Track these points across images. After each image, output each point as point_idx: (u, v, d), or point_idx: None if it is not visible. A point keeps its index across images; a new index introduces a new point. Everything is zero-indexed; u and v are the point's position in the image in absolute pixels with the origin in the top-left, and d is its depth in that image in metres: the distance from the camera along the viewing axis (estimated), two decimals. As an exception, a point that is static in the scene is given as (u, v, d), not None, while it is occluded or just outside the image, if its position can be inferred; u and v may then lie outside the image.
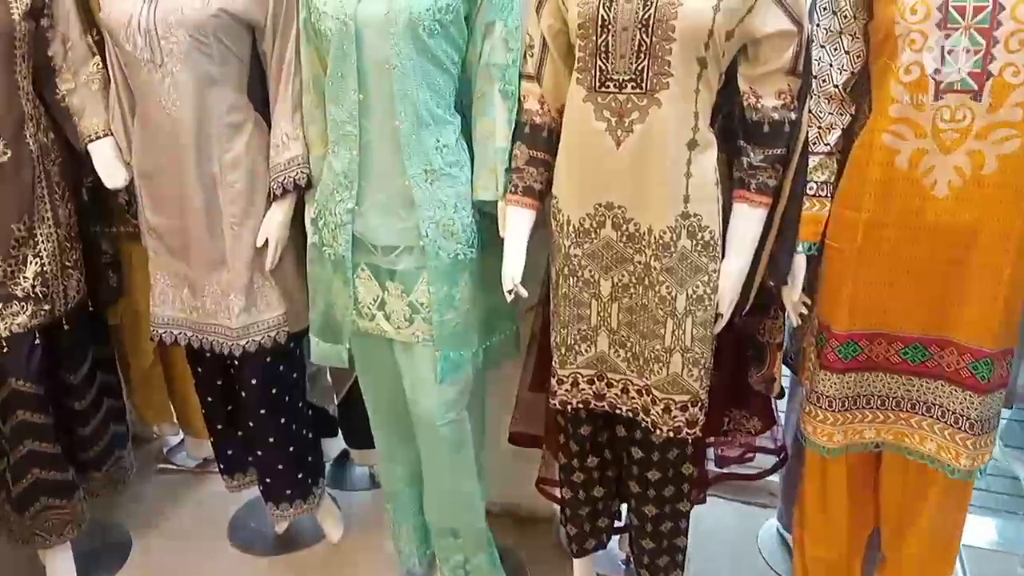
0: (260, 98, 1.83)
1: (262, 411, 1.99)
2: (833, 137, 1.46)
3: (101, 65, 1.90)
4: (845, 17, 1.41)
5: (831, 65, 1.43)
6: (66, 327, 1.94)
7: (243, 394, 1.98)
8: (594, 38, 1.38)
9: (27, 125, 1.80)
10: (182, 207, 1.80)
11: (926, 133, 1.31)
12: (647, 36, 1.33)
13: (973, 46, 1.25)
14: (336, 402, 2.38)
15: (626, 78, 1.38)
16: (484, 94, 1.61)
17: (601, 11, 1.36)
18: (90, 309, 2.03)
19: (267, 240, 1.82)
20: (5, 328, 1.81)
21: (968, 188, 1.31)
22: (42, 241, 1.85)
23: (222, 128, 1.75)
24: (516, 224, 1.58)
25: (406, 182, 1.59)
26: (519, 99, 1.58)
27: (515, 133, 1.59)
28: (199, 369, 2.06)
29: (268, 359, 1.94)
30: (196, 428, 2.46)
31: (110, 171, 1.87)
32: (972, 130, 1.28)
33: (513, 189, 1.58)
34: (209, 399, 2.09)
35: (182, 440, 2.68)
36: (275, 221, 1.82)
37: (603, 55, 1.38)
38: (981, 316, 1.37)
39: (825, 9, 1.42)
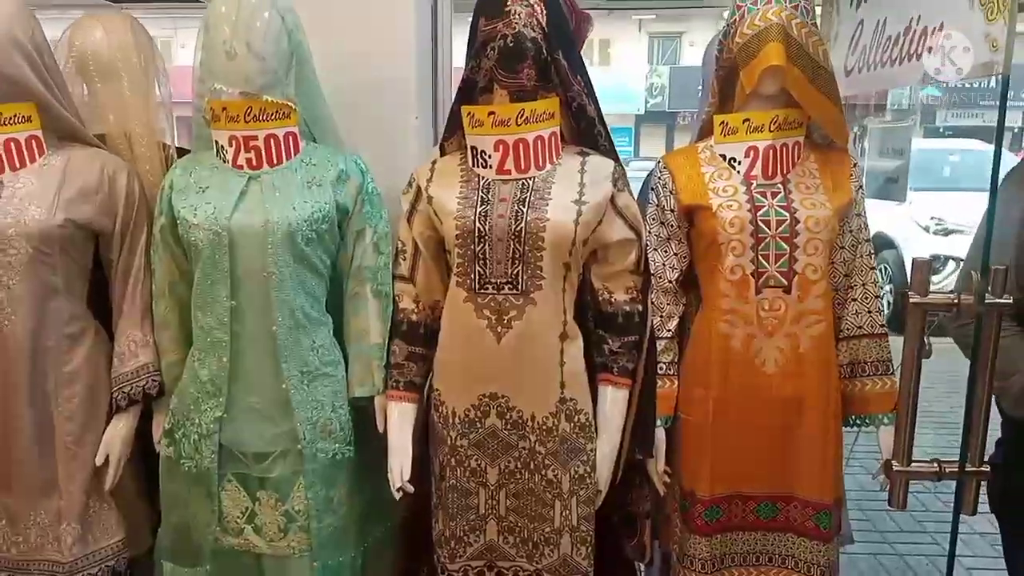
0: (98, 305, 1.74)
1: (92, 658, 1.71)
2: (673, 324, 1.70)
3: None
4: (671, 226, 1.69)
5: (664, 264, 1.69)
6: None
7: (69, 640, 1.70)
8: (472, 247, 1.52)
9: None
10: (7, 430, 1.60)
11: (753, 321, 1.58)
12: (520, 245, 1.51)
13: (780, 251, 1.57)
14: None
15: (503, 281, 1.52)
16: (357, 294, 1.68)
17: (477, 224, 1.52)
18: None
19: (107, 458, 1.66)
20: None
21: (790, 365, 1.58)
22: None
23: (60, 340, 1.62)
24: (400, 419, 1.61)
25: (283, 385, 1.57)
26: (394, 299, 1.66)
27: (392, 331, 1.65)
28: (6, 617, 1.74)
29: (102, 594, 1.70)
30: None
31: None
32: (787, 317, 1.57)
33: (395, 384, 1.62)
34: (18, 653, 1.76)
35: None
36: (118, 435, 1.67)
37: (481, 261, 1.53)
38: (816, 473, 1.61)
39: (654, 220, 1.70)
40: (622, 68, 17.81)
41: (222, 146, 1.61)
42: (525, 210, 1.51)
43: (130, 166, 1.74)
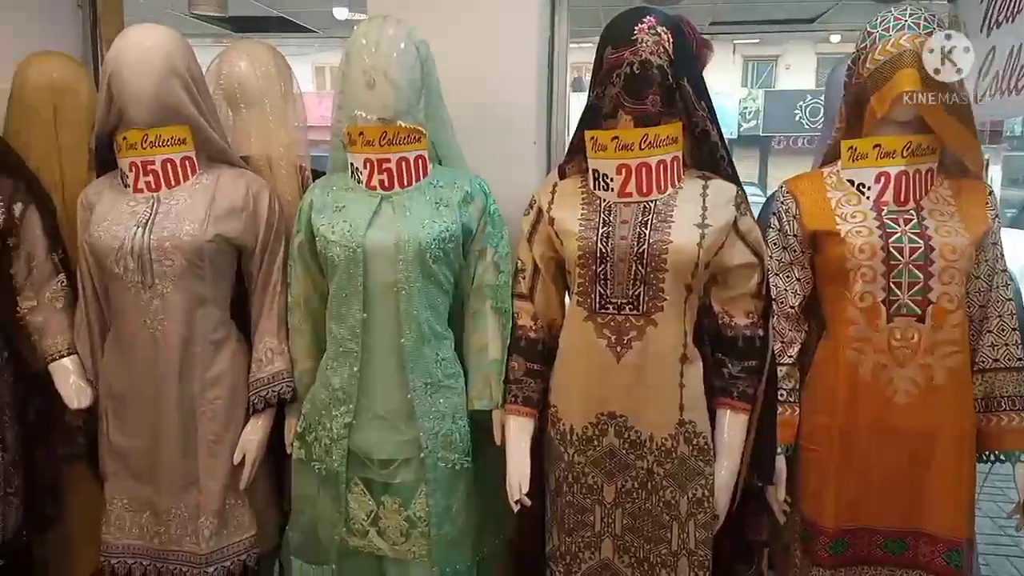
0: (237, 314, 1.86)
1: (223, 647, 1.81)
2: (795, 350, 1.68)
3: (66, 283, 1.87)
4: (794, 251, 1.68)
5: (786, 290, 1.68)
6: (1, 562, 1.74)
7: (202, 628, 1.81)
8: (593, 268, 1.56)
9: (-16, 345, 1.72)
10: (155, 427, 1.73)
11: (883, 349, 1.55)
12: (642, 267, 1.53)
13: (913, 279, 1.54)
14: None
15: (624, 301, 1.55)
16: (477, 311, 1.74)
17: (599, 246, 1.55)
18: (24, 539, 1.84)
19: (243, 458, 1.77)
20: (-65, 570, 1.60)
21: (923, 396, 1.54)
22: (-15, 468, 1.70)
23: (206, 345, 1.75)
24: (518, 433, 1.65)
25: (408, 395, 1.64)
26: (513, 316, 1.71)
27: (511, 347, 1.70)
28: (145, 602, 1.87)
29: (233, 586, 1.81)
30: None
31: (74, 391, 1.79)
32: (920, 347, 1.53)
33: (513, 399, 1.67)
34: (153, 637, 1.88)
35: None
36: (254, 437, 1.78)
37: (602, 282, 1.56)
38: (949, 509, 1.55)
39: (776, 244, 1.69)
40: (715, 91, 17.58)
41: (357, 168, 1.70)
42: (647, 232, 1.54)
43: (271, 186, 1.86)
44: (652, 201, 1.57)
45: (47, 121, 1.92)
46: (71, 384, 1.80)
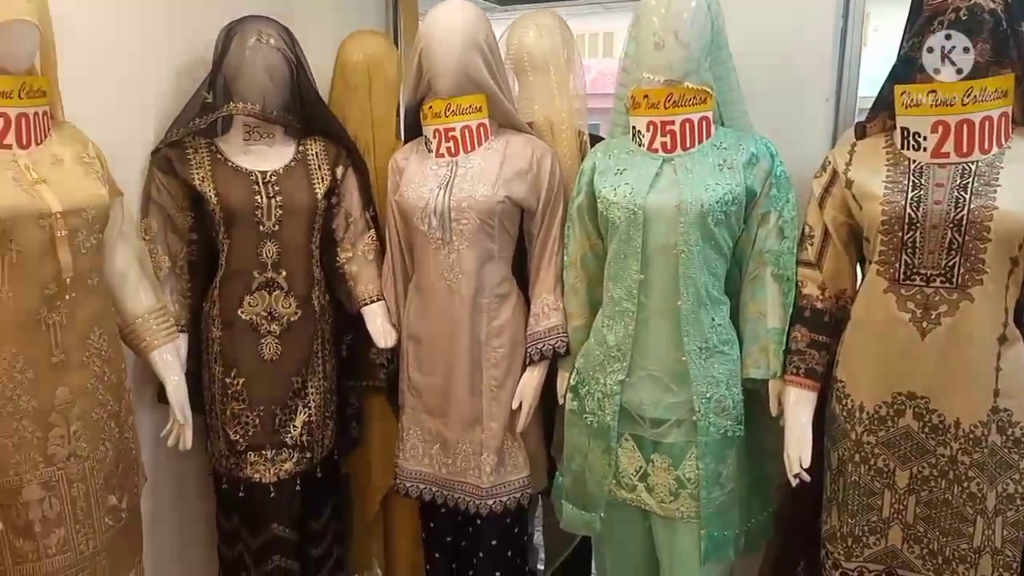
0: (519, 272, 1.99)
1: (497, 574, 1.99)
2: None
3: (376, 237, 2.12)
4: None
5: None
6: (319, 475, 2.05)
7: (480, 554, 1.99)
8: (900, 234, 1.44)
9: (315, 288, 2.00)
10: (448, 369, 1.91)
11: None
12: (959, 235, 1.39)
13: None
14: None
15: (934, 273, 1.42)
16: (757, 277, 1.69)
17: (909, 210, 1.43)
18: (335, 458, 2.14)
19: (520, 403, 1.90)
20: (274, 474, 1.92)
21: None
22: (312, 393, 2.00)
23: (492, 298, 1.89)
24: (799, 405, 1.60)
25: (682, 357, 1.65)
26: (797, 284, 1.64)
27: (794, 316, 1.64)
28: (431, 524, 2.09)
29: (508, 520, 1.96)
30: (402, 583, 2.45)
31: (383, 332, 2.03)
32: None
33: (795, 371, 1.61)
34: (437, 555, 2.11)
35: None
36: (530, 385, 1.90)
37: (909, 250, 1.44)
38: None
39: None
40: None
41: (639, 131, 1.71)
42: (967, 197, 1.39)
43: (553, 151, 1.95)
44: (973, 162, 1.42)
45: (363, 93, 2.16)
46: (379, 326, 2.04)
